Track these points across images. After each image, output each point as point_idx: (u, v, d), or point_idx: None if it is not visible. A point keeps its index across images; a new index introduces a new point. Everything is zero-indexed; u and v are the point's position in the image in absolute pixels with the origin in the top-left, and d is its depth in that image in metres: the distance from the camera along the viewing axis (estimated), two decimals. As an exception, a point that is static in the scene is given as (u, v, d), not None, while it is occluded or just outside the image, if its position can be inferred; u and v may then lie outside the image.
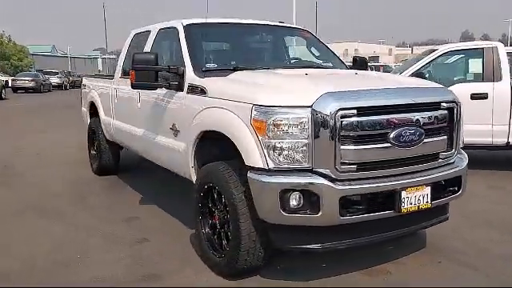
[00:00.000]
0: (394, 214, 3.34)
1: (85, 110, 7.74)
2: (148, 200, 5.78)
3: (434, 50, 7.45)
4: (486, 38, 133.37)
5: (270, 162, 3.17)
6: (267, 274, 3.71)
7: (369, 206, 3.26)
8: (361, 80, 3.97)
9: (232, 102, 3.49)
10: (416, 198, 3.38)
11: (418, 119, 3.40)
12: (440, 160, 3.62)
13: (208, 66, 4.32)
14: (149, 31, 5.46)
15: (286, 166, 3.17)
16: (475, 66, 7.20)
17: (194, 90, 4.08)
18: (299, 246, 3.33)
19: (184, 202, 5.69)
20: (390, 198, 3.31)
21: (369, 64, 6.25)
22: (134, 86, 4.28)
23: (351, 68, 5.15)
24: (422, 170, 3.49)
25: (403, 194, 3.31)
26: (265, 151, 3.18)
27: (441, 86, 3.95)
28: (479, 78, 7.08)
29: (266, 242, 3.44)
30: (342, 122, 3.12)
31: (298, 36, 5.42)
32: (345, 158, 3.16)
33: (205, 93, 3.90)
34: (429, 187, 3.45)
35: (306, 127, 3.11)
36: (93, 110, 7.30)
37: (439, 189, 3.58)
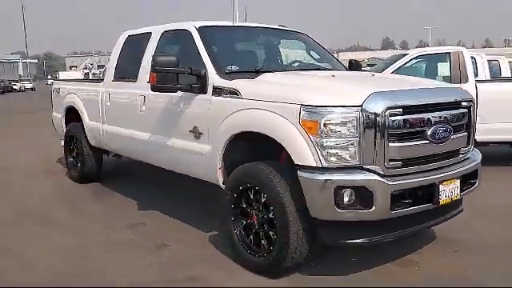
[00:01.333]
0: (433, 207, 3.56)
1: (58, 115, 7.40)
2: (146, 205, 5.65)
3: (405, 54, 7.90)
4: (404, 44, 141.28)
5: (322, 160, 3.27)
6: (303, 271, 3.79)
7: (413, 200, 3.45)
8: (390, 81, 4.18)
9: (275, 103, 3.55)
10: (449, 190, 3.62)
11: (446, 117, 3.65)
12: (460, 155, 3.88)
13: (229, 68, 4.33)
14: (148, 33, 5.36)
15: (337, 163, 3.28)
16: (443, 69, 7.71)
17: (222, 92, 4.08)
18: (349, 241, 3.45)
19: (185, 205, 5.72)
20: (430, 192, 3.52)
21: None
22: (154, 89, 4.21)
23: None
24: (451, 165, 3.74)
25: (441, 187, 3.53)
26: (317, 150, 3.27)
27: (456, 86, 4.25)
28: (447, 80, 7.57)
29: (312, 239, 3.54)
30: (390, 120, 3.28)
31: (297, 39, 5.55)
32: (392, 155, 3.33)
33: (237, 94, 3.92)
34: (458, 180, 3.71)
35: (357, 126, 3.25)
36: (71, 115, 7.00)
37: (463, 181, 3.84)
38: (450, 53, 7.66)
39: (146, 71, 5.09)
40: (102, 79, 6.37)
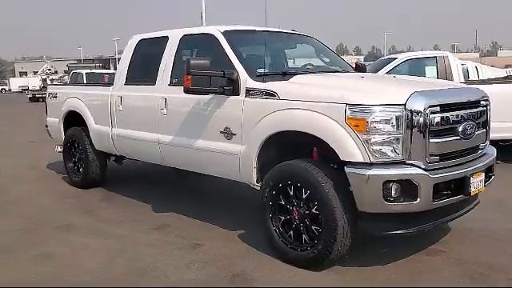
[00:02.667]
0: (464, 198, 3.85)
1: (56, 119, 7.28)
2: (161, 207, 5.70)
3: (394, 58, 8.30)
4: (358, 50, 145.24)
5: (370, 156, 3.49)
6: (341, 264, 3.98)
7: (449, 192, 3.72)
8: (421, 82, 4.46)
9: (318, 103, 3.73)
10: (477, 182, 3.92)
11: (472, 114, 3.95)
12: (479, 151, 4.20)
13: (259, 70, 4.49)
14: (165, 37, 5.42)
15: (383, 159, 3.50)
16: (430, 71, 8.15)
17: (256, 93, 4.23)
18: (391, 231, 3.67)
19: (200, 204, 5.80)
20: (462, 184, 3.80)
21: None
22: (188, 91, 4.30)
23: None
24: (476, 159, 4.04)
25: (471, 179, 3.83)
26: (364, 146, 3.48)
27: (475, 86, 4.58)
28: (434, 82, 8.02)
29: (355, 231, 3.75)
30: (430, 117, 3.54)
31: (309, 43, 5.77)
32: (432, 150, 3.59)
33: (274, 96, 4.07)
34: (483, 173, 4.02)
35: (401, 123, 3.48)
36: (70, 119, 6.93)
37: (485, 175, 4.15)
38: (436, 57, 8.11)
39: (166, 74, 5.19)
40: (107, 83, 6.35)
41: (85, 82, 19.35)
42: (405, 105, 3.50)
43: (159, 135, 5.24)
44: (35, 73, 57.26)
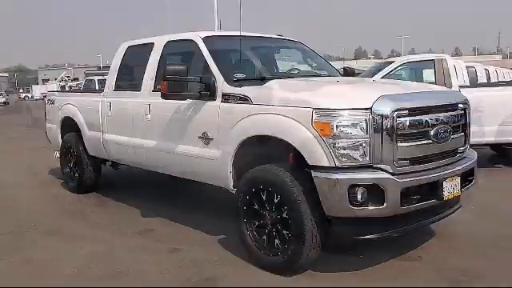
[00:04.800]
0: (437, 203, 3.79)
1: (53, 126, 7.43)
2: (149, 212, 5.74)
3: (391, 62, 8.22)
4: (377, 54, 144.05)
5: (335, 160, 3.47)
6: (317, 269, 3.95)
7: (420, 196, 3.67)
8: (392, 86, 4.42)
9: (286, 107, 3.74)
10: (451, 187, 3.86)
11: (447, 118, 3.90)
12: (458, 154, 4.13)
13: (236, 75, 4.51)
14: (151, 44, 5.49)
15: (349, 163, 3.48)
16: (428, 75, 8.05)
17: (231, 98, 4.25)
18: (361, 236, 3.63)
19: (187, 210, 5.85)
20: (434, 188, 3.75)
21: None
22: (165, 96, 4.35)
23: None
24: (451, 163, 3.98)
25: (444, 183, 3.77)
26: (330, 150, 3.47)
27: (452, 89, 4.52)
28: (432, 85, 7.92)
29: (324, 236, 3.72)
30: (397, 121, 3.50)
31: (294, 48, 5.77)
32: (400, 154, 3.55)
33: (247, 100, 4.09)
34: (459, 177, 3.95)
35: (367, 127, 3.46)
36: (67, 125, 7.06)
37: (463, 179, 4.08)
38: (434, 60, 8.01)
39: (150, 80, 5.26)
40: (99, 90, 6.44)
41: (97, 88, 19.69)
42: (371, 108, 3.47)
43: (144, 140, 5.30)
44: (56, 80, 58.40)
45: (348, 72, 5.74)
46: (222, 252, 4.44)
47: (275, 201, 3.84)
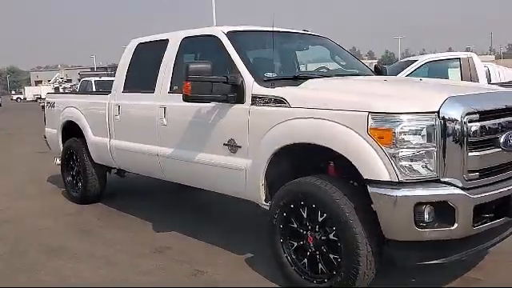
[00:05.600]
0: (507, 220, 3.28)
1: (53, 131, 6.86)
2: (163, 226, 5.22)
3: (413, 61, 7.73)
4: (371, 54, 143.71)
5: (397, 173, 2.94)
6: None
7: (492, 214, 3.16)
8: (452, 85, 3.91)
9: (333, 111, 3.22)
10: (522, 202, 3.34)
11: (512, 122, 3.38)
12: None
13: (267, 75, 3.99)
14: (165, 40, 4.95)
15: (413, 176, 2.96)
16: (453, 74, 7.57)
17: (263, 101, 3.73)
18: (427, 261, 3.10)
19: (203, 223, 5.30)
20: (505, 203, 3.23)
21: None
22: (187, 99, 3.81)
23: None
24: (517, 175, 3.47)
25: (515, 198, 3.26)
26: (391, 162, 2.94)
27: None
28: (459, 85, 7.43)
29: (381, 261, 3.21)
30: (469, 126, 2.99)
31: (322, 44, 5.25)
32: (471, 166, 3.03)
33: (284, 103, 3.56)
34: (528, 191, 3.43)
35: (434, 134, 2.94)
36: (69, 130, 6.50)
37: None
38: (460, 58, 7.53)
39: (166, 81, 4.73)
40: (104, 91, 5.90)
41: (94, 89, 19.05)
42: (438, 112, 2.95)
43: (159, 147, 4.76)
44: (49, 81, 57.53)
45: (380, 71, 5.23)
46: (252, 275, 3.92)
47: (319, 219, 3.32)
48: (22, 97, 76.28)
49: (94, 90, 19.25)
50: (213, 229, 5.10)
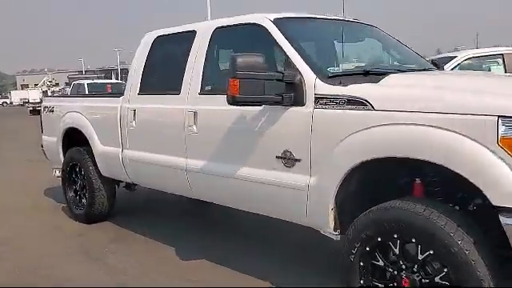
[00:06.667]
0: None
1: (53, 139, 6.01)
2: (189, 250, 4.43)
3: (452, 57, 7.04)
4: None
5: None
6: None
7: None
8: None
9: (440, 114, 2.45)
10: None
11: None
12: None
13: (331, 70, 3.22)
14: (191, 32, 4.15)
15: (562, 203, 2.20)
16: (497, 70, 6.89)
17: (333, 102, 2.95)
18: None
19: (235, 246, 4.51)
20: None
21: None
22: (235, 102, 3.02)
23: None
24: None
25: None
26: None
27: None
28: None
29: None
30: None
31: (373, 36, 4.47)
32: None
33: (364, 105, 2.79)
34: None
35: None
36: (71, 138, 5.67)
37: None
38: (503, 54, 6.84)
39: (195, 80, 3.94)
40: (118, 94, 5.07)
41: (87, 93, 18.12)
42: None
43: (187, 160, 3.96)
44: (36, 85, 56.20)
45: (438, 66, 4.49)
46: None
47: (420, 257, 2.55)
48: (8, 101, 74.62)
49: (87, 92, 18.35)
50: (248, 253, 4.31)
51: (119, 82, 27.30)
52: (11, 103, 71.65)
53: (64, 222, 5.70)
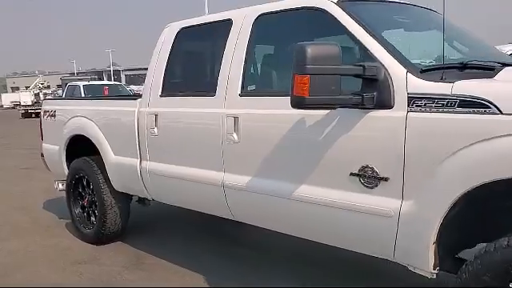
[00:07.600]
0: None
1: (55, 147, 5.29)
2: (223, 277, 3.76)
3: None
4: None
5: None
6: None
7: None
8: None
9: None
10: None
11: None
12: None
13: (422, 63, 2.55)
14: (226, 21, 3.46)
15: None
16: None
17: (437, 104, 2.28)
18: None
19: (272, 271, 3.83)
20: None
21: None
22: (304, 104, 2.34)
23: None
24: None
25: None
26: None
27: None
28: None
29: None
30: None
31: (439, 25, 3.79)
32: None
33: (486, 107, 2.11)
34: None
35: None
36: (77, 147, 4.97)
37: None
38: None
39: (235, 79, 3.24)
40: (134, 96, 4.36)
41: (83, 95, 17.32)
42: None
43: (225, 174, 3.28)
44: (27, 87, 55.05)
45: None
46: None
47: None
48: (-2, 104, 73.31)
49: (83, 95, 17.57)
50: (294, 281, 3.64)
51: (117, 83, 26.47)
52: (1, 106, 70.33)
53: (70, 243, 4.97)
